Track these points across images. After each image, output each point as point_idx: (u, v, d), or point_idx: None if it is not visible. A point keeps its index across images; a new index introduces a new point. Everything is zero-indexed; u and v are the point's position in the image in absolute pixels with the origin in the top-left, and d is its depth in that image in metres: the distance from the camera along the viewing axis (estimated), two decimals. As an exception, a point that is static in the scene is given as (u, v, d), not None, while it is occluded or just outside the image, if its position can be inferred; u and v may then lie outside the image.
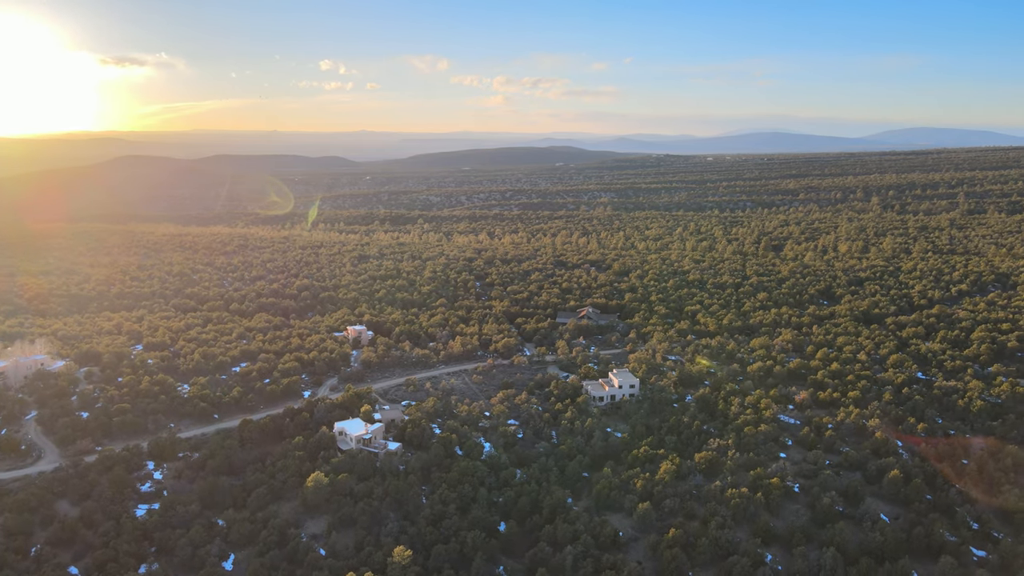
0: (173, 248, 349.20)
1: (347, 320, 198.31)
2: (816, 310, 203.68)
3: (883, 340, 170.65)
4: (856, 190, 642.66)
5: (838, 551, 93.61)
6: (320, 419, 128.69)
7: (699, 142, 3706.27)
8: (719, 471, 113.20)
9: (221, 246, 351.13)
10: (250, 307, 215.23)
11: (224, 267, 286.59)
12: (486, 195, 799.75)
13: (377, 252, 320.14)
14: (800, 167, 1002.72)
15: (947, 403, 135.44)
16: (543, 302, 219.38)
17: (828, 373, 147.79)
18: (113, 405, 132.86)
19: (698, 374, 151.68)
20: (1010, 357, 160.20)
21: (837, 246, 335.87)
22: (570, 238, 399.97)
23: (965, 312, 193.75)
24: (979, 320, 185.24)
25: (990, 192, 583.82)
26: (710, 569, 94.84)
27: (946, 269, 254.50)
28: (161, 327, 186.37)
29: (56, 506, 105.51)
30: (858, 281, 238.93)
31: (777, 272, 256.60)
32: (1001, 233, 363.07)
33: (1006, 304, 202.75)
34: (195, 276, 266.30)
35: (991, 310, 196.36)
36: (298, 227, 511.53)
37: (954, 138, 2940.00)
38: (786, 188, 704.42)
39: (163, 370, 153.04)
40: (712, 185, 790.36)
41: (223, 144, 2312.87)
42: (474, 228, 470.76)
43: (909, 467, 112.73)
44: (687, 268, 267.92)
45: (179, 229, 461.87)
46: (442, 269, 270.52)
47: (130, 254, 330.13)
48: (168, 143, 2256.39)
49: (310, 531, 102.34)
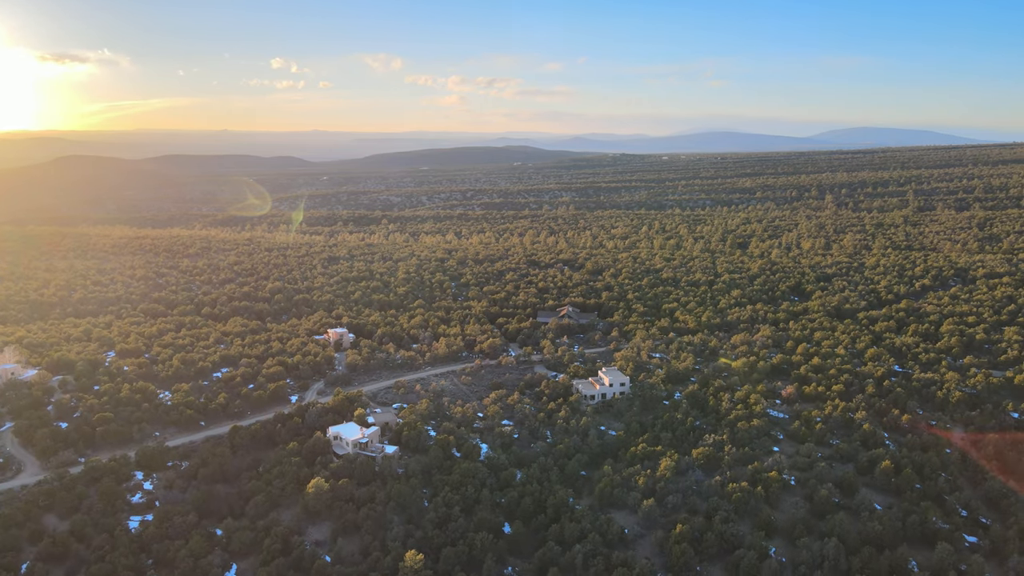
0: (132, 251, 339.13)
1: (326, 323, 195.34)
2: (790, 306, 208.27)
3: (858, 335, 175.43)
4: (811, 188, 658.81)
5: (839, 541, 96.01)
6: (312, 424, 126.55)
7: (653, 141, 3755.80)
8: (717, 466, 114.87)
9: (183, 249, 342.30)
10: (223, 311, 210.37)
11: (190, 270, 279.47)
12: (447, 195, 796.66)
13: (347, 253, 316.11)
14: (754, 166, 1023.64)
15: (926, 394, 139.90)
16: (521, 302, 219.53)
17: (811, 368, 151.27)
18: (94, 414, 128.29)
19: (684, 371, 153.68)
20: (979, 349, 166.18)
21: (800, 243, 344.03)
22: (538, 237, 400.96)
23: (932, 306, 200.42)
24: (945, 314, 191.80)
25: (937, 190, 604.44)
26: (717, 563, 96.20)
27: (907, 265, 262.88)
28: (133, 333, 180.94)
29: (43, 520, 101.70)
30: (826, 277, 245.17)
31: (747, 269, 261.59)
32: (953, 229, 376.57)
33: (968, 298, 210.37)
34: (160, 280, 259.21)
35: (955, 304, 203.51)
36: (259, 229, 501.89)
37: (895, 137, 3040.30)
38: (743, 187, 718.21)
39: (141, 377, 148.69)
40: (671, 184, 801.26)
41: (171, 144, 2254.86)
42: (440, 228, 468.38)
43: (898, 457, 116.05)
44: (659, 266, 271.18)
45: (135, 232, 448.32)
46: (415, 270, 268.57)
47: (87, 258, 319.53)
48: (113, 143, 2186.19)
49: (313, 538, 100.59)
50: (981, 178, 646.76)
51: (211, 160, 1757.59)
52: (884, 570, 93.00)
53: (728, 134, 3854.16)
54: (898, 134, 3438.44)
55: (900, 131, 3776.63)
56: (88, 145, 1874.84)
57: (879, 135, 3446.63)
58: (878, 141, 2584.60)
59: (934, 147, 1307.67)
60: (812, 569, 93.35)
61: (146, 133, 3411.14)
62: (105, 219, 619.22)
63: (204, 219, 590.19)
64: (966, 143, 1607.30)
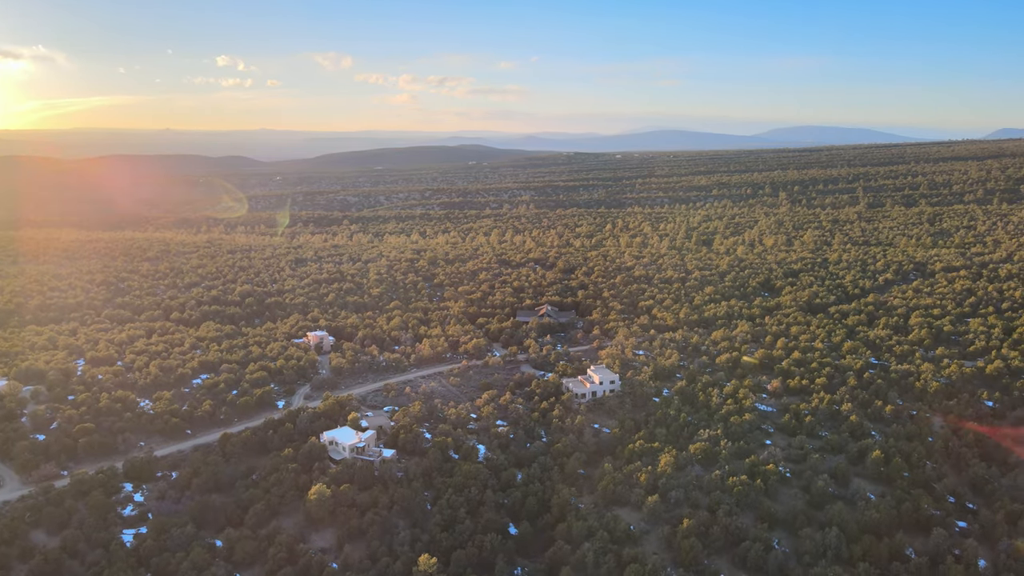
0: (86, 256, 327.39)
1: (303, 326, 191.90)
2: (762, 301, 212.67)
3: (833, 328, 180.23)
4: (764, 186, 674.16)
5: (840, 530, 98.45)
6: (304, 429, 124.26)
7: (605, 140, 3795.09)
8: (715, 460, 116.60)
9: (141, 252, 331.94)
10: (193, 315, 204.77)
11: (151, 274, 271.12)
12: (406, 195, 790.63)
13: (313, 255, 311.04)
14: (706, 164, 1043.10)
15: (905, 385, 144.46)
16: (499, 301, 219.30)
17: (793, 362, 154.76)
18: (74, 426, 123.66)
19: (671, 367, 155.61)
20: (948, 340, 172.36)
21: (763, 240, 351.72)
22: (505, 237, 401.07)
23: (898, 300, 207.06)
24: (912, 307, 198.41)
25: (885, 187, 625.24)
26: (724, 556, 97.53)
27: (869, 260, 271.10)
28: (102, 340, 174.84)
29: (32, 537, 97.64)
30: (793, 273, 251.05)
31: (717, 266, 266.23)
32: (905, 225, 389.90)
33: (930, 291, 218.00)
34: (122, 285, 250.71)
35: (919, 297, 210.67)
36: (216, 230, 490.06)
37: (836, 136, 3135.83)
38: (699, 185, 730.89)
39: (119, 386, 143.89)
40: (628, 182, 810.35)
41: (112, 143, 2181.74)
42: (403, 229, 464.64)
43: (886, 447, 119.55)
44: (630, 264, 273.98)
45: (86, 235, 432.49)
46: (387, 271, 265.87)
47: (40, 262, 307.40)
48: (50, 142, 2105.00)
49: (317, 545, 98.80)
50: (925, 175, 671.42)
51: (156, 160, 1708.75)
52: (884, 557, 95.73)
53: (677, 132, 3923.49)
54: (839, 132, 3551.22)
55: (841, 129, 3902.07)
56: (23, 144, 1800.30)
57: (821, 133, 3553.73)
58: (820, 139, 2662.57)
59: (876, 145, 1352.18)
60: (816, 559, 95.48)
61: (86, 132, 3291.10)
62: (49, 221, 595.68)
63: (156, 221, 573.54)
64: (905, 141, 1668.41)
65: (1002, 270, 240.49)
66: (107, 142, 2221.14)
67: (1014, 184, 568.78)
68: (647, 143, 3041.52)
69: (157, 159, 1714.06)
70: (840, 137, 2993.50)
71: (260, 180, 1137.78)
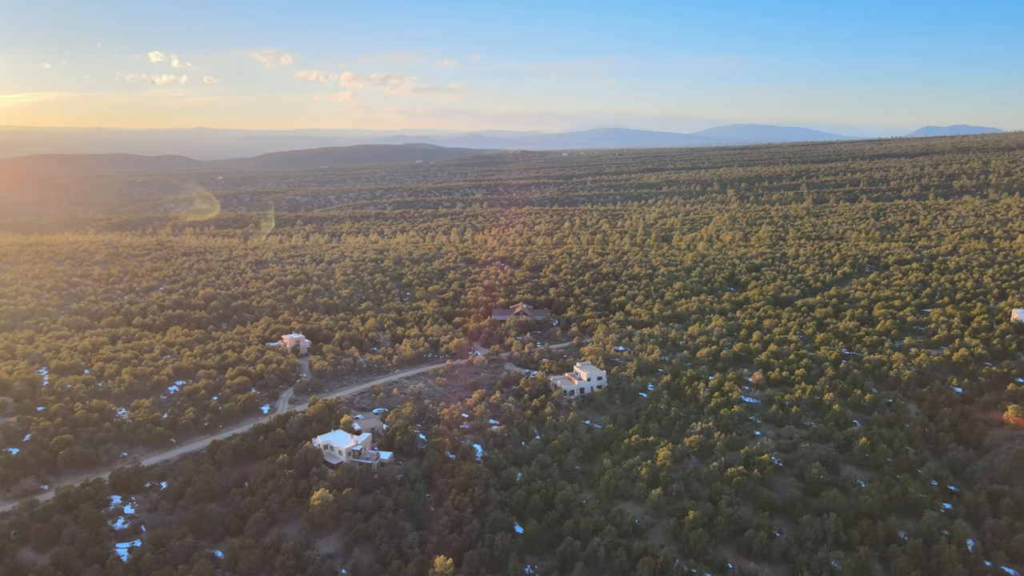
0: (29, 260, 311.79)
1: (276, 329, 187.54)
2: (731, 296, 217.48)
3: (803, 321, 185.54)
4: (712, 183, 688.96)
5: (838, 516, 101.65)
6: (295, 434, 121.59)
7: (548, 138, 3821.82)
8: (710, 452, 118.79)
9: (88, 255, 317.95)
10: (157, 320, 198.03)
11: (105, 278, 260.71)
12: (356, 194, 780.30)
13: (273, 256, 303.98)
14: (651, 161, 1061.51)
15: (879, 374, 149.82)
16: (471, 300, 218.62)
17: (771, 354, 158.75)
18: (50, 437, 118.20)
19: (653, 363, 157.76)
20: (912, 331, 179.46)
21: (720, 236, 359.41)
22: (465, 235, 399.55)
23: (860, 292, 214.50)
24: (873, 299, 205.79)
25: (827, 183, 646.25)
26: (728, 545, 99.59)
27: (826, 254, 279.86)
28: (64, 348, 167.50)
29: (19, 555, 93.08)
30: (755, 268, 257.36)
31: (681, 262, 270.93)
32: (852, 220, 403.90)
33: (888, 283, 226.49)
34: (74, 290, 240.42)
35: (878, 289, 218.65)
36: (162, 232, 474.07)
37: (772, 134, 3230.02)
38: (649, 182, 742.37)
39: (91, 395, 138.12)
40: (579, 180, 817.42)
41: (38, 143, 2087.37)
42: (360, 228, 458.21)
43: (870, 434, 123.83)
44: (596, 261, 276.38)
45: (23, 238, 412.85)
46: (353, 271, 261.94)
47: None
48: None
49: (322, 551, 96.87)
50: (863, 171, 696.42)
51: (88, 160, 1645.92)
52: (881, 540, 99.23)
53: (618, 131, 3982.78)
54: (774, 131, 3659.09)
55: (776, 128, 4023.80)
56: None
57: (757, 131, 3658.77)
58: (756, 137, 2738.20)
59: (813, 143, 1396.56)
60: (817, 544, 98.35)
61: (8, 131, 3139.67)
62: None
63: (97, 223, 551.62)
64: (838, 139, 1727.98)
65: (951, 262, 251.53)
66: (32, 141, 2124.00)
67: (946, 180, 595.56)
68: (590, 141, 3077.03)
69: (88, 159, 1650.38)
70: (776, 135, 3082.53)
71: (201, 180, 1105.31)
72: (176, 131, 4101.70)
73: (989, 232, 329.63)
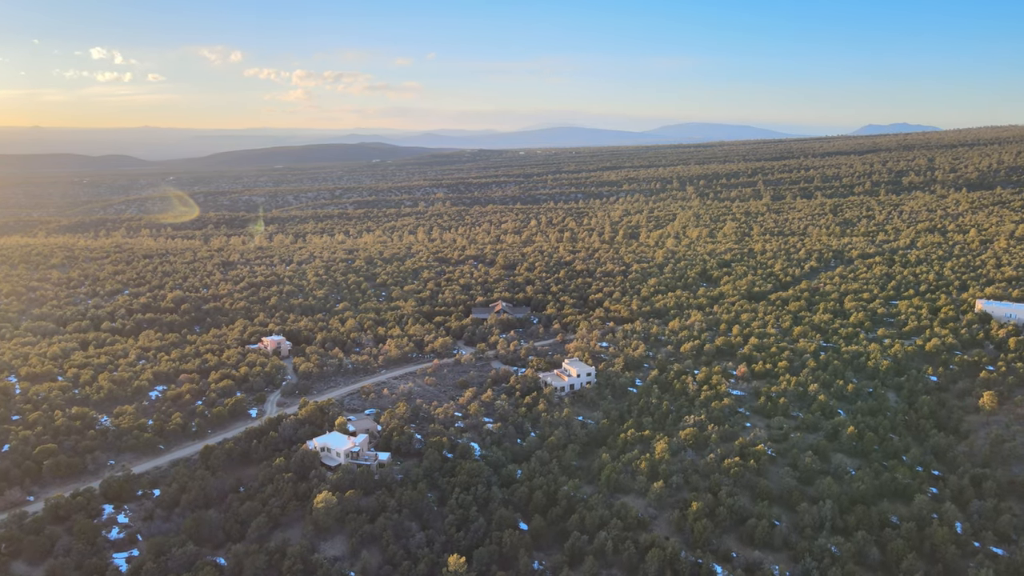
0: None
1: (254, 331, 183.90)
2: (706, 291, 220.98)
3: (779, 315, 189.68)
4: (672, 180, 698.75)
5: (834, 503, 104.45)
6: (288, 437, 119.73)
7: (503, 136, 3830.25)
8: (705, 445, 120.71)
9: (43, 259, 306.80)
10: (127, 325, 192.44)
11: (64, 282, 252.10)
12: (315, 194, 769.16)
13: (240, 258, 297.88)
14: (608, 159, 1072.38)
15: (857, 365, 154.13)
16: (449, 299, 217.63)
17: (753, 347, 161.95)
18: (31, 447, 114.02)
19: (639, 358, 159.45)
20: (883, 322, 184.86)
21: (687, 232, 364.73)
22: (433, 235, 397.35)
23: (830, 285, 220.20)
24: (843, 292, 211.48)
25: (782, 180, 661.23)
26: (731, 534, 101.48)
27: (791, 249, 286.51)
28: (32, 355, 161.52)
29: (12, 568, 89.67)
30: (726, 263, 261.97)
31: (652, 258, 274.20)
32: (812, 216, 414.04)
33: (854, 276, 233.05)
34: (34, 295, 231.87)
35: (846, 282, 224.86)
36: (116, 235, 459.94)
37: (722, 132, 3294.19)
38: (609, 180, 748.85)
39: (69, 402, 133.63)
40: (540, 179, 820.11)
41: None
42: (324, 228, 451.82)
43: (856, 423, 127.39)
44: (568, 259, 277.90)
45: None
46: (325, 272, 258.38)
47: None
48: None
49: (328, 554, 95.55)
50: (816, 168, 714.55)
51: (29, 160, 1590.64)
52: (876, 525, 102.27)
53: (572, 129, 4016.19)
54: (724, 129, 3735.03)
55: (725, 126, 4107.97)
56: None
57: (707, 130, 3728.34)
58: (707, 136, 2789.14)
59: (764, 141, 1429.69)
60: (816, 531, 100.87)
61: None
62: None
63: (46, 226, 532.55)
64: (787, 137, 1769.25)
65: (911, 255, 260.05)
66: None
67: (896, 176, 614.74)
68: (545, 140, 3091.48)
69: (26, 159, 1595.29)
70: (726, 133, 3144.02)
71: (150, 180, 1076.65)
72: (121, 130, 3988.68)
73: (943, 226, 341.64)
